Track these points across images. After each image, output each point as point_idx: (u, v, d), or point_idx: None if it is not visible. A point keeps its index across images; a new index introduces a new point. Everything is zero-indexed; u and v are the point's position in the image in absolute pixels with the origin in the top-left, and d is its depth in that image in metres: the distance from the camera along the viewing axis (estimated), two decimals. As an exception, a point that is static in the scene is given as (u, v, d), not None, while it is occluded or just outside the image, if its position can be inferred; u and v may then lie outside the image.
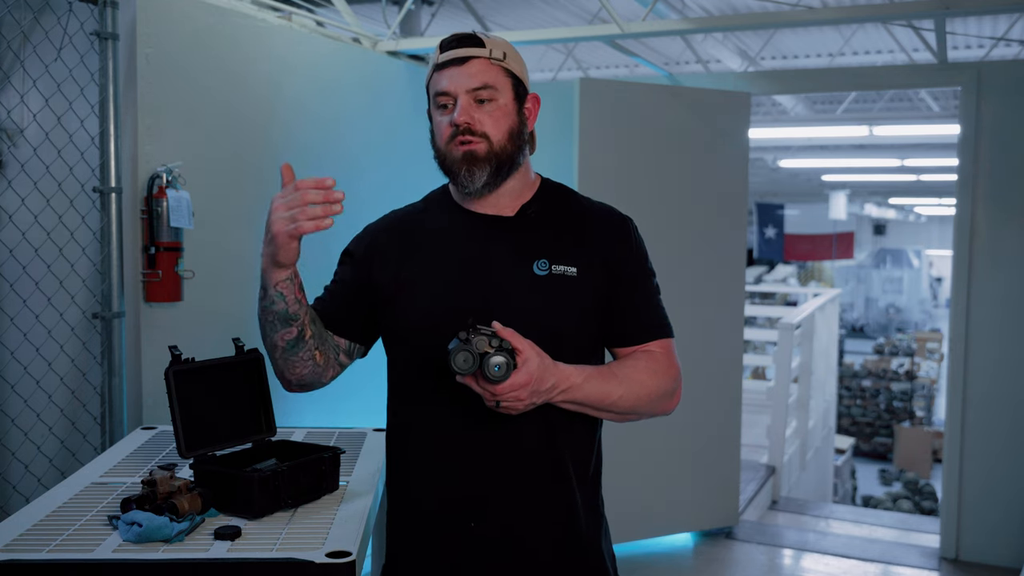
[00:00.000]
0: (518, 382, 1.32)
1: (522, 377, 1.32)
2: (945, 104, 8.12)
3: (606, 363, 1.53)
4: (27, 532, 1.44)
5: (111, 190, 2.68)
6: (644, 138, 4.14)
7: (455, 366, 1.31)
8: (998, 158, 4.17)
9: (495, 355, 1.32)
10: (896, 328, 22.57)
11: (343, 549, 1.36)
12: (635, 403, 1.47)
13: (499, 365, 1.32)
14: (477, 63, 1.46)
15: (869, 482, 12.50)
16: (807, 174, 14.71)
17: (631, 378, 1.47)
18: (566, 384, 1.39)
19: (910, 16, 3.86)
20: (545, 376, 1.35)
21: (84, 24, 2.70)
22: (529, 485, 1.47)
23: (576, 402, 1.43)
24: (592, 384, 1.42)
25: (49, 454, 2.74)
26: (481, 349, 1.32)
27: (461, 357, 1.32)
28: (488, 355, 1.32)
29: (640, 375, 1.48)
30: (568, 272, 1.48)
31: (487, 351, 1.32)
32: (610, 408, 1.46)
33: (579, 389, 1.41)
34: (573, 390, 1.40)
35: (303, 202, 1.37)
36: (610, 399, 1.45)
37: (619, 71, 7.25)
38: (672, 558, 4.30)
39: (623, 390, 1.46)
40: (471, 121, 1.45)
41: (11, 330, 2.78)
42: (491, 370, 1.32)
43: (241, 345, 1.77)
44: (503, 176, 1.49)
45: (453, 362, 1.31)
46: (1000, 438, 4.21)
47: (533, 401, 1.36)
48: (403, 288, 1.51)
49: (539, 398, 1.37)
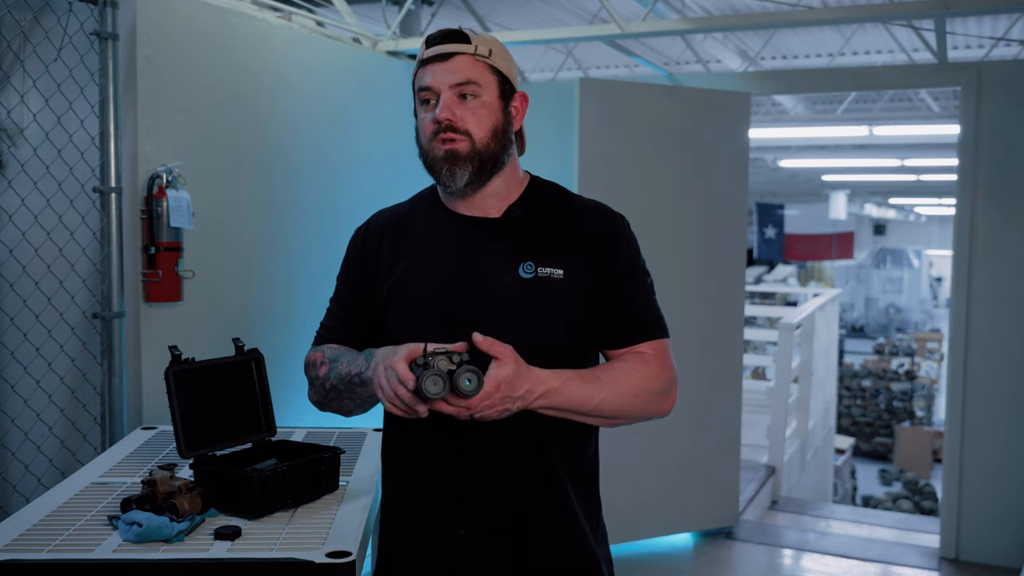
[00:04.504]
0: (487, 391, 1.29)
1: (490, 385, 1.29)
2: (945, 104, 8.11)
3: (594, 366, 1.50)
4: (27, 532, 1.44)
5: (111, 190, 2.68)
6: (644, 138, 4.14)
7: (428, 394, 1.27)
8: (998, 158, 4.16)
9: (463, 371, 1.29)
10: (896, 328, 22.56)
11: (343, 549, 1.36)
12: (621, 406, 1.44)
13: (470, 379, 1.28)
14: (461, 59, 1.44)
15: (869, 482, 12.50)
16: (807, 174, 14.71)
17: (616, 380, 1.44)
18: (541, 388, 1.35)
19: (910, 16, 3.86)
20: (517, 383, 1.32)
21: (84, 24, 2.70)
22: (519, 491, 1.45)
23: (556, 407, 1.39)
24: (572, 388, 1.39)
25: (49, 454, 2.74)
26: (444, 369, 1.29)
27: (430, 383, 1.27)
28: (455, 372, 1.29)
29: (626, 377, 1.45)
30: (555, 274, 1.45)
31: (451, 369, 1.29)
32: (594, 412, 1.42)
33: (557, 393, 1.37)
34: (550, 395, 1.36)
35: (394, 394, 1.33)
36: (592, 403, 1.41)
37: (619, 71, 7.25)
38: (672, 558, 4.30)
39: (606, 393, 1.41)
40: (453, 118, 1.42)
41: (11, 330, 2.78)
42: (463, 385, 1.28)
43: (241, 345, 1.77)
44: (486, 175, 1.46)
45: (425, 391, 1.27)
46: (1000, 438, 4.21)
47: (507, 408, 1.33)
48: (391, 293, 1.50)
49: (512, 404, 1.33)
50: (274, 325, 3.21)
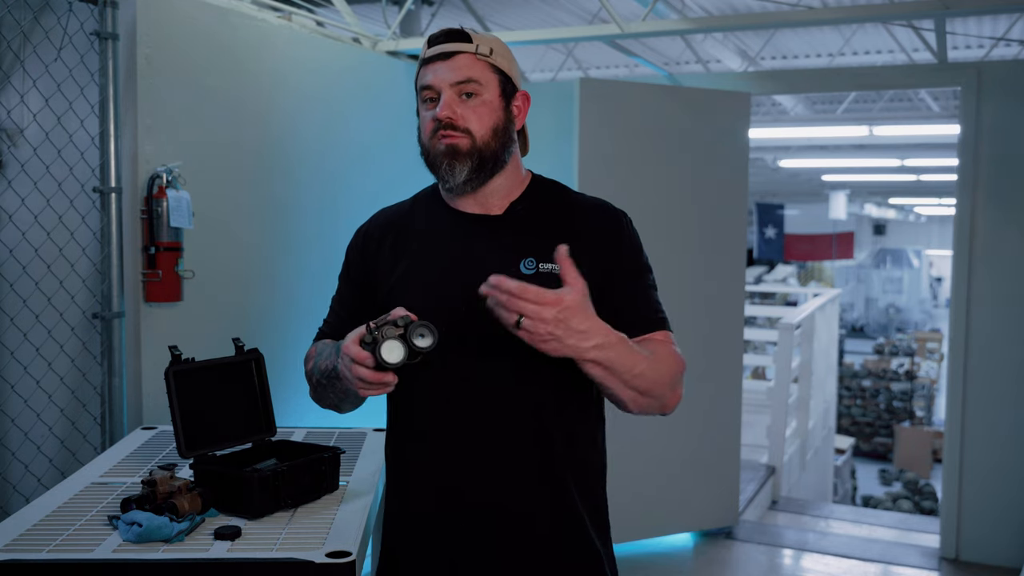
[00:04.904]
0: (548, 298, 1.22)
1: (553, 296, 1.22)
2: (945, 104, 8.11)
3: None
4: (27, 532, 1.44)
5: (111, 190, 2.68)
6: (644, 138, 4.14)
7: (387, 363, 1.28)
8: (998, 158, 4.16)
9: (413, 328, 1.29)
10: (896, 328, 22.56)
11: (343, 549, 1.36)
12: (655, 381, 1.39)
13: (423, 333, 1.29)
14: (463, 58, 1.44)
15: (869, 482, 12.50)
16: (807, 174, 14.71)
17: (654, 354, 1.40)
18: (601, 338, 1.28)
19: (910, 16, 3.86)
20: (579, 314, 1.25)
21: (84, 24, 2.70)
22: (523, 490, 1.45)
23: (604, 364, 1.31)
24: (623, 348, 1.32)
25: (49, 454, 2.74)
26: (394, 335, 1.29)
27: (386, 351, 1.28)
28: (405, 334, 1.29)
29: (659, 354, 1.41)
30: (556, 270, 1.42)
31: (400, 333, 1.29)
32: (631, 382, 1.35)
33: (611, 347, 1.30)
34: (605, 347, 1.29)
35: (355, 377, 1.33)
36: (636, 369, 1.34)
37: (619, 71, 7.25)
38: (672, 558, 4.30)
39: (646, 365, 1.36)
40: (453, 116, 1.43)
41: (11, 330, 2.78)
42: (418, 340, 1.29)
43: (241, 345, 1.77)
44: (487, 173, 1.46)
45: (385, 361, 1.28)
46: (1000, 438, 4.21)
47: (557, 334, 1.24)
48: (392, 291, 1.50)
49: (565, 335, 1.25)
50: (274, 325, 3.21)
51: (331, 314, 1.63)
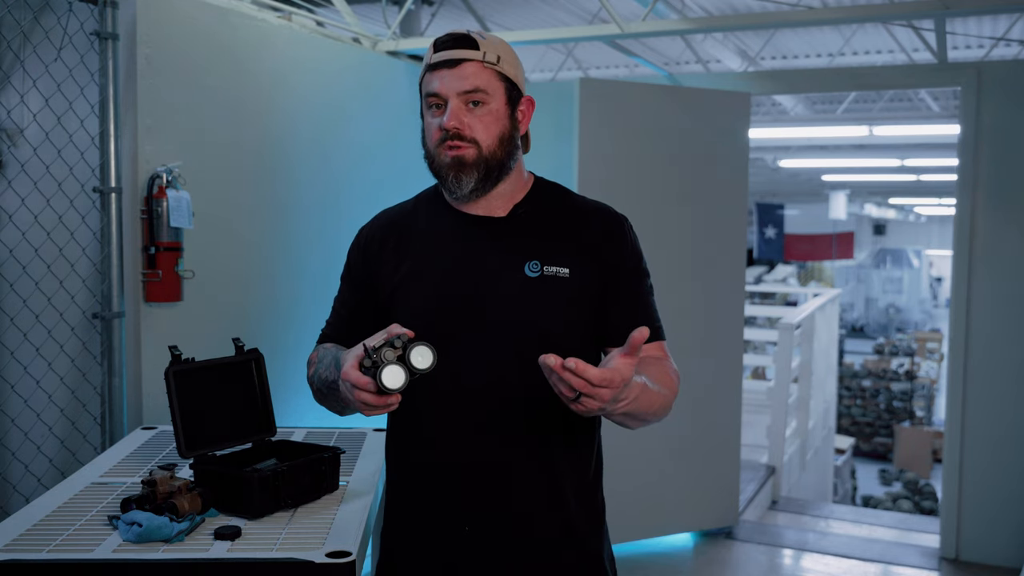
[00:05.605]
0: (616, 383, 1.21)
1: (620, 380, 1.21)
2: (945, 104, 8.11)
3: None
4: (27, 532, 1.44)
5: (111, 190, 2.68)
6: (644, 138, 4.14)
7: (389, 389, 1.26)
8: (998, 158, 4.16)
9: (412, 348, 1.28)
10: (896, 328, 22.56)
11: (343, 549, 1.36)
12: (661, 408, 1.42)
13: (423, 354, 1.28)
14: (470, 66, 1.43)
15: (869, 482, 12.49)
16: (807, 174, 14.70)
17: (662, 383, 1.41)
18: (632, 398, 1.29)
19: (910, 16, 3.86)
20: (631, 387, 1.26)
21: (84, 24, 2.70)
22: (522, 491, 1.45)
23: (627, 413, 1.33)
24: (643, 395, 1.33)
25: (49, 454, 2.74)
26: (393, 358, 1.28)
27: (386, 377, 1.26)
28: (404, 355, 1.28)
29: (665, 381, 1.43)
30: (560, 273, 1.45)
31: (399, 355, 1.28)
32: (645, 419, 1.40)
33: (636, 401, 1.30)
34: (632, 402, 1.30)
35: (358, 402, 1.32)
36: (652, 408, 1.38)
37: (619, 71, 7.25)
38: (672, 558, 4.30)
39: (659, 401, 1.40)
40: (461, 126, 1.42)
41: (11, 330, 2.78)
42: (417, 362, 1.28)
43: (241, 345, 1.77)
44: (492, 181, 1.46)
45: (386, 388, 1.26)
46: (1000, 438, 4.20)
47: (604, 407, 1.25)
48: (396, 292, 1.50)
49: (616, 404, 1.26)
50: (274, 325, 3.21)
51: (333, 315, 1.62)
